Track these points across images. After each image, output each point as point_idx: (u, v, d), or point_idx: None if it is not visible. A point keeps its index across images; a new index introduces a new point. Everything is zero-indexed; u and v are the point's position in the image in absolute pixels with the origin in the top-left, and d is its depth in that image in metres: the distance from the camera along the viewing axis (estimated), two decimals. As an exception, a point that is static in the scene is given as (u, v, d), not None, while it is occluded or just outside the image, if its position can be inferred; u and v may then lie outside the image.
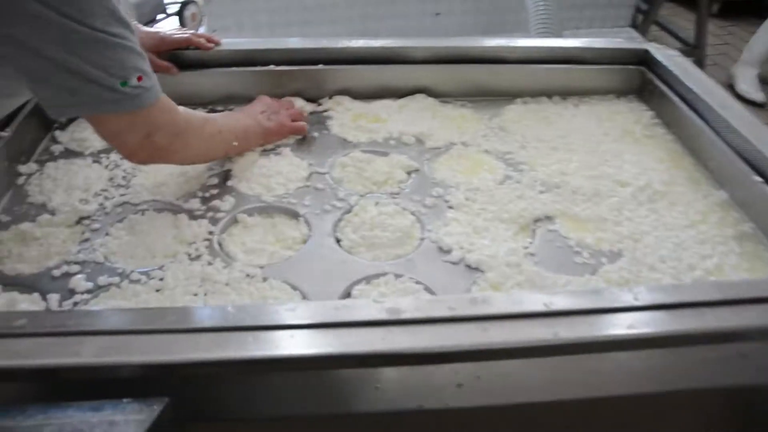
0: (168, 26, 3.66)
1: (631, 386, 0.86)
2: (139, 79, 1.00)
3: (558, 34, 1.83)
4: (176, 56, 1.45)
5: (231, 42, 1.50)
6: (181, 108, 1.14)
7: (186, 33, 1.46)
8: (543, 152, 1.35)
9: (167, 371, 0.77)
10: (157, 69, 1.39)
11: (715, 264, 1.07)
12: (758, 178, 1.17)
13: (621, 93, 1.56)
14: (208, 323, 0.80)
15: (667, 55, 1.53)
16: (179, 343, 0.77)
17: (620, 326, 0.81)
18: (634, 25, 2.98)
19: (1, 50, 0.92)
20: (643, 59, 1.55)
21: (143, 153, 1.11)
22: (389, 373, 0.82)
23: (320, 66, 1.47)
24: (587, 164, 1.31)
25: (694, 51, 3.38)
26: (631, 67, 1.55)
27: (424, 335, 0.79)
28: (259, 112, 1.35)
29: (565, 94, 1.53)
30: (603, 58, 1.55)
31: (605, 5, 2.87)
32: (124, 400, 0.72)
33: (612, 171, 1.29)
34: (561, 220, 1.17)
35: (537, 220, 1.17)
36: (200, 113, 1.20)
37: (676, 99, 1.43)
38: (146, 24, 4.05)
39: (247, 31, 2.60)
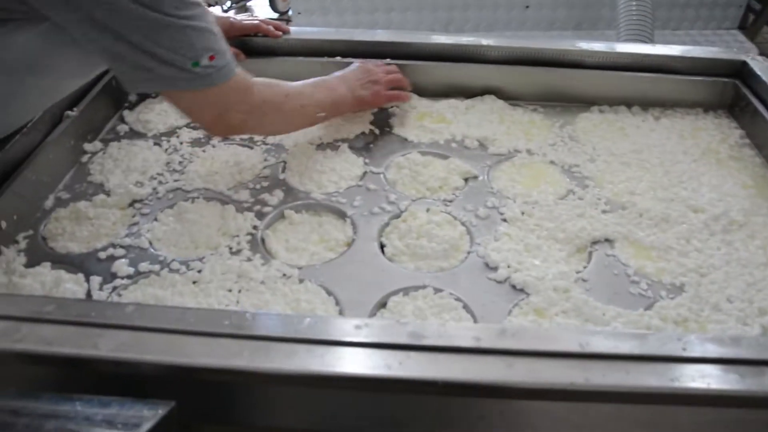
0: (241, 13, 3.71)
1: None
2: (211, 58, 1.00)
3: (649, 39, 1.71)
4: (245, 43, 1.45)
5: (300, 31, 1.48)
6: (262, 82, 1.14)
7: (256, 20, 1.45)
8: (613, 167, 1.26)
9: (177, 374, 0.76)
10: None
11: (791, 310, 0.97)
12: None
13: (709, 107, 1.45)
14: (223, 329, 0.78)
15: (767, 68, 1.40)
16: (193, 347, 0.76)
17: (661, 378, 0.74)
18: (742, 27, 2.77)
19: (84, 30, 0.95)
20: (739, 71, 1.42)
21: (218, 128, 1.15)
22: (402, 399, 0.78)
23: (388, 60, 1.43)
24: (660, 185, 1.21)
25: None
26: (723, 79, 1.43)
27: (444, 364, 0.74)
28: (356, 80, 1.32)
29: (647, 104, 1.43)
30: (692, 68, 1.43)
31: (711, 4, 2.67)
32: (131, 399, 0.72)
33: (686, 194, 1.19)
34: (622, 244, 1.09)
35: (595, 243, 1.09)
36: (283, 87, 1.18)
37: (768, 117, 1.31)
38: (238, 6, 4.13)
39: (332, 14, 2.58)
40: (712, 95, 1.44)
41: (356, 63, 1.36)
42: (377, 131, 1.36)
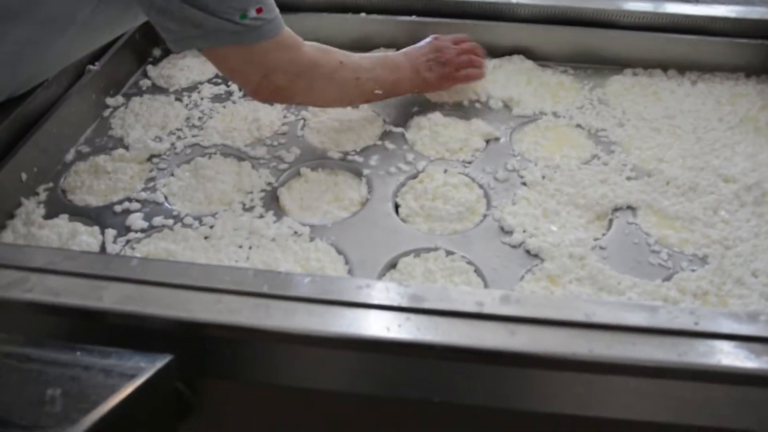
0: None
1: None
2: (259, 11, 0.98)
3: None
4: None
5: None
6: (315, 45, 1.11)
7: None
8: (642, 133, 1.21)
9: (177, 328, 0.76)
10: None
11: (820, 287, 0.93)
12: None
13: (752, 72, 1.37)
14: (225, 284, 0.78)
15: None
16: (194, 302, 0.76)
17: (668, 352, 0.71)
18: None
19: None
20: (787, 34, 1.35)
21: (264, 92, 1.09)
22: (401, 361, 0.77)
23: (414, 17, 1.39)
24: (690, 152, 1.16)
25: None
26: (768, 42, 1.35)
27: (443, 329, 0.73)
28: (424, 59, 1.22)
29: (685, 68, 1.36)
30: (736, 30, 1.35)
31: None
32: (130, 351, 0.73)
33: (718, 163, 1.13)
34: (645, 212, 1.05)
35: (617, 210, 1.05)
36: (338, 55, 1.13)
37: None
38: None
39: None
40: (756, 59, 1.36)
41: (429, 38, 1.26)
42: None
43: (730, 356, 0.72)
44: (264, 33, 1.00)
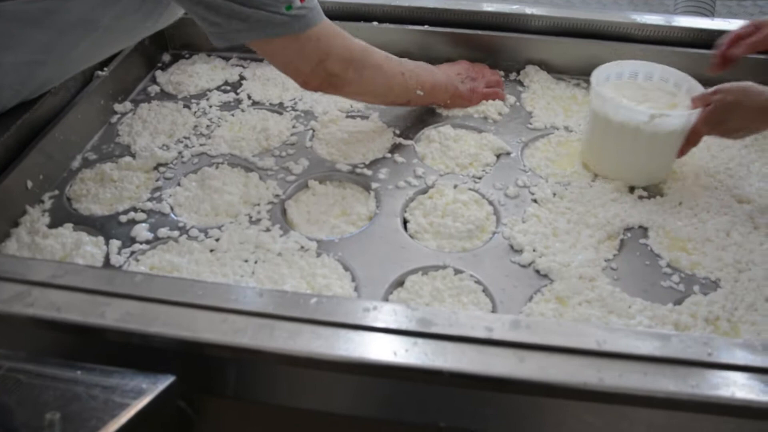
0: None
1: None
2: (302, 0, 1.00)
3: (709, 12, 1.60)
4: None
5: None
6: (360, 41, 1.12)
7: None
8: (656, 150, 1.19)
9: (180, 347, 0.75)
10: None
11: (834, 313, 0.91)
12: None
13: (768, 88, 1.35)
14: (230, 304, 0.76)
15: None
16: (199, 321, 0.75)
17: (681, 383, 0.70)
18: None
19: None
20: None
21: (316, 80, 1.09)
22: (407, 387, 0.76)
23: (426, 27, 1.38)
24: (704, 170, 1.14)
25: None
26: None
27: (452, 354, 0.71)
28: (457, 73, 1.29)
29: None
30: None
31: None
32: (132, 371, 0.72)
33: (732, 183, 1.12)
34: (656, 233, 1.03)
35: (628, 230, 1.04)
36: (382, 51, 1.15)
37: None
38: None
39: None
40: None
41: (457, 62, 1.33)
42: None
43: (744, 389, 0.70)
44: (310, 20, 1.02)
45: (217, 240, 1.00)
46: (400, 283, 0.95)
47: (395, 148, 1.19)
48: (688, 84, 1.11)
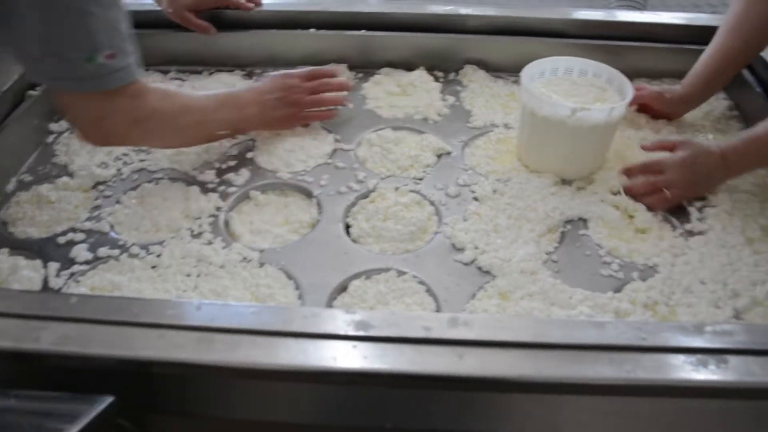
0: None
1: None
2: (110, 57, 0.90)
3: (641, 6, 1.64)
4: (216, 16, 1.39)
5: (273, 3, 1.43)
6: (159, 90, 1.04)
7: None
8: (592, 142, 1.21)
9: (120, 366, 0.74)
10: (194, 28, 1.36)
11: (766, 292, 0.93)
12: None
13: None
14: (168, 319, 0.76)
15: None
16: (137, 339, 0.74)
17: (617, 369, 0.71)
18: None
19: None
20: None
21: (95, 135, 1.01)
22: (349, 391, 0.76)
23: (363, 32, 1.39)
24: (638, 160, 1.16)
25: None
26: (712, 47, 1.37)
27: (391, 356, 0.72)
28: (272, 98, 1.18)
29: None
30: (680, 37, 1.38)
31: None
32: (69, 394, 0.71)
33: (666, 170, 1.14)
34: (596, 223, 1.05)
35: (568, 222, 1.05)
36: (182, 99, 1.08)
37: (759, 89, 1.25)
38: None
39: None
40: (698, 64, 1.39)
41: (278, 75, 1.21)
42: (351, 105, 1.32)
43: (677, 369, 0.72)
44: (108, 82, 0.92)
45: (159, 256, 0.99)
46: (343, 288, 0.95)
47: (336, 154, 1.19)
48: (618, 80, 1.13)
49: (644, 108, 1.27)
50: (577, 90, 1.13)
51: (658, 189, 1.07)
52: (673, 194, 1.07)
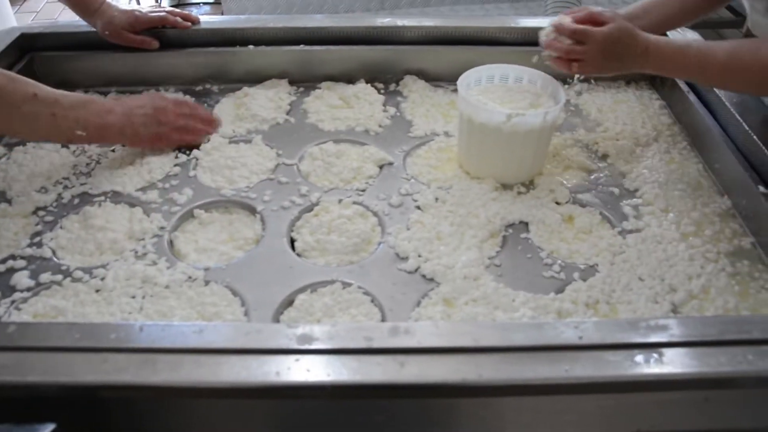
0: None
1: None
2: None
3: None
4: (155, 35, 1.39)
5: (210, 21, 1.44)
6: (4, 75, 1.03)
7: (162, 11, 1.40)
8: (531, 147, 1.24)
9: (61, 393, 0.73)
10: (134, 45, 1.36)
11: (701, 285, 0.97)
12: (764, 189, 1.05)
13: (632, 79, 1.44)
14: (109, 343, 0.75)
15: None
16: (78, 364, 0.74)
17: (554, 368, 0.73)
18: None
19: None
20: (659, 42, 1.41)
21: None
22: (294, 405, 0.76)
23: (302, 46, 1.40)
24: (577, 164, 1.20)
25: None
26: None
27: (334, 367, 0.73)
28: (141, 113, 1.19)
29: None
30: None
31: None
32: (7, 424, 0.70)
33: (605, 174, 1.18)
34: (537, 227, 1.07)
35: (510, 226, 1.08)
36: (33, 87, 1.06)
37: (686, 89, 1.30)
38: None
39: (266, 10, 2.52)
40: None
41: (153, 95, 1.25)
42: (293, 120, 1.32)
43: (613, 366, 0.74)
44: None
45: (103, 279, 0.98)
46: (290, 302, 0.95)
47: (279, 169, 1.20)
48: (552, 86, 1.17)
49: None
50: (513, 96, 1.16)
51: (572, 58, 1.09)
52: (580, 66, 1.10)
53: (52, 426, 0.69)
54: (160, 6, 3.98)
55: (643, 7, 1.27)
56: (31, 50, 1.40)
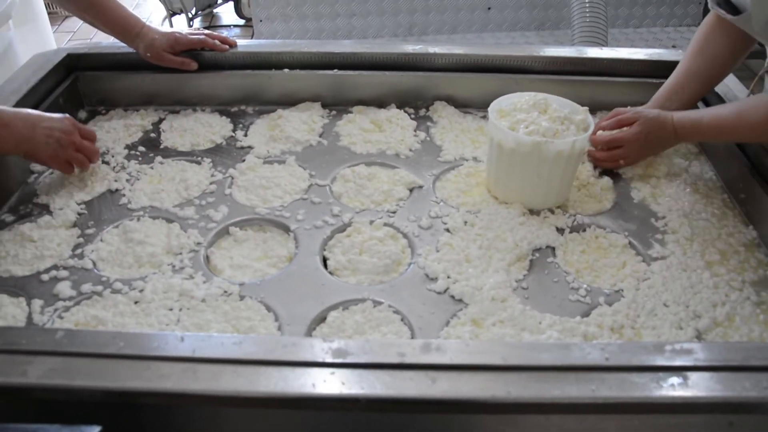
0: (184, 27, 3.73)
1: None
2: None
3: (603, 41, 1.71)
4: (194, 57, 1.44)
5: (247, 44, 1.48)
6: None
7: (201, 34, 1.45)
8: (558, 174, 1.27)
9: (106, 398, 0.76)
10: (174, 66, 1.40)
11: (726, 313, 0.99)
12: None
13: (657, 109, 1.46)
14: (152, 351, 0.79)
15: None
16: (122, 371, 0.77)
17: (581, 388, 0.75)
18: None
19: None
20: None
21: None
22: (328, 416, 0.79)
23: (335, 71, 1.44)
24: (604, 191, 1.23)
25: None
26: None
27: (367, 381, 0.75)
28: (47, 126, 1.17)
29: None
30: (638, 71, 1.45)
31: (671, 2, 2.68)
32: (57, 426, 0.73)
33: (627, 204, 1.20)
34: (563, 251, 1.10)
35: (536, 250, 1.10)
36: None
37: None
38: (204, 13, 4.13)
39: (293, 21, 2.58)
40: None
41: (65, 117, 1.21)
42: (325, 142, 1.36)
43: (639, 387, 0.76)
44: None
45: (141, 291, 1.02)
46: (322, 319, 0.98)
47: (311, 189, 1.23)
48: (581, 114, 1.19)
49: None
50: (542, 124, 1.18)
51: (616, 159, 1.27)
52: (627, 162, 1.28)
53: (97, 429, 0.72)
54: (193, 28, 4.08)
55: (668, 93, 1.32)
56: (76, 69, 1.46)
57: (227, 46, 1.45)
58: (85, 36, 4.20)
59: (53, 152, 1.19)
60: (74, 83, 1.45)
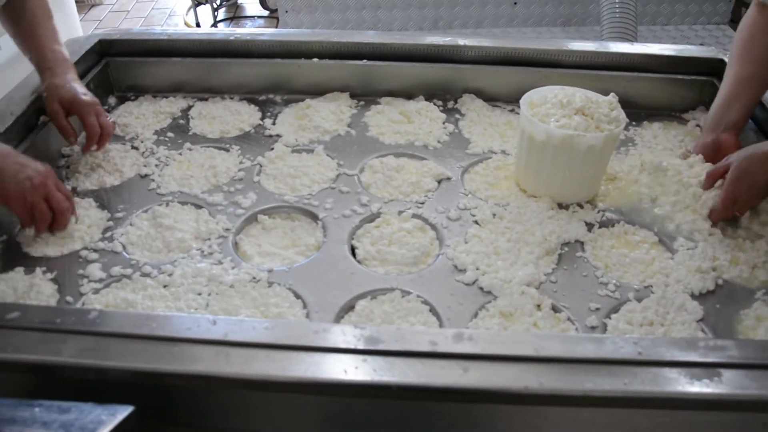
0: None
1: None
2: None
3: (632, 37, 1.70)
4: (222, 44, 1.45)
5: (276, 33, 1.48)
6: None
7: (97, 125, 1.22)
8: (588, 168, 1.26)
9: (138, 379, 0.77)
10: (55, 123, 1.24)
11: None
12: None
13: (687, 107, 1.45)
14: (184, 334, 0.79)
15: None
16: (154, 352, 0.78)
17: (614, 382, 0.75)
18: (734, 21, 2.75)
19: None
20: (717, 69, 1.42)
21: None
22: (359, 402, 0.79)
23: (365, 61, 1.44)
24: (633, 186, 1.22)
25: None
26: (701, 77, 1.43)
27: (399, 369, 0.75)
28: (31, 168, 1.06)
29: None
30: (669, 67, 1.44)
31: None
32: (91, 404, 0.73)
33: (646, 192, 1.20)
34: (592, 246, 1.09)
35: (565, 244, 1.10)
36: None
37: (753, 126, 1.31)
38: (228, 3, 4.13)
39: (319, 12, 2.58)
40: (689, 93, 1.45)
41: (45, 164, 1.08)
42: (353, 132, 1.36)
43: (672, 382, 0.75)
44: None
45: (170, 275, 1.03)
46: (350, 307, 0.98)
47: (340, 179, 1.24)
48: (613, 108, 1.18)
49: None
50: (574, 117, 1.17)
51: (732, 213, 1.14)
52: (741, 212, 1.14)
53: (130, 408, 0.73)
54: (215, 19, 4.08)
55: (725, 104, 1.25)
56: (107, 55, 1.47)
57: (95, 147, 1.24)
58: (112, 24, 4.22)
59: (20, 191, 1.05)
60: (105, 69, 1.45)
